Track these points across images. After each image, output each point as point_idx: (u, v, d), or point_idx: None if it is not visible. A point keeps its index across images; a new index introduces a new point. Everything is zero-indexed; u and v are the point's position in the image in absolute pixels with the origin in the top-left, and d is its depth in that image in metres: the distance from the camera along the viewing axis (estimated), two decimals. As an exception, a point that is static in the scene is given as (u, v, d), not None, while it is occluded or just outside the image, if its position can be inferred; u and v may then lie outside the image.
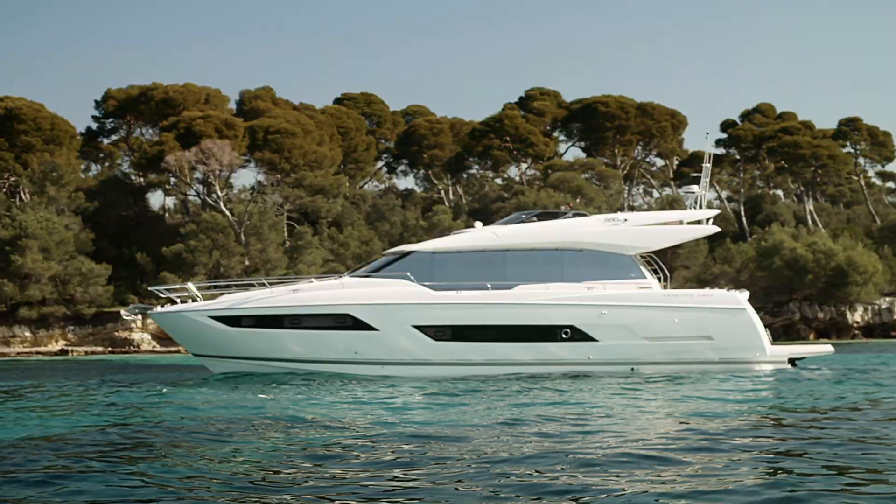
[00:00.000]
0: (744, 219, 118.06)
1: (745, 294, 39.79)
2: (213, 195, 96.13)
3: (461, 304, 36.79)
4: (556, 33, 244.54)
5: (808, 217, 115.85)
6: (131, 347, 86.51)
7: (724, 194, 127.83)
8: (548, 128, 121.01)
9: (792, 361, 39.46)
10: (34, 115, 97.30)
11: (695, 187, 41.83)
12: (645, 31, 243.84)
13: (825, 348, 42.01)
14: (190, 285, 37.97)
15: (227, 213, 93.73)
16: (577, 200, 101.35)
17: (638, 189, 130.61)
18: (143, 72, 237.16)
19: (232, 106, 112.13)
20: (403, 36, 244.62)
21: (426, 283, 37.00)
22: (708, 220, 41.26)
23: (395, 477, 14.12)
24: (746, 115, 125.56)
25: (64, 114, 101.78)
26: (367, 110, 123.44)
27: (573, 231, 38.73)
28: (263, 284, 38.45)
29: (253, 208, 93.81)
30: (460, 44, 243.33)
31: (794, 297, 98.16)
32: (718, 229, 43.16)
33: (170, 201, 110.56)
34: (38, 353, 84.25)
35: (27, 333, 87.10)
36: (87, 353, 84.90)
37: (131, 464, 15.29)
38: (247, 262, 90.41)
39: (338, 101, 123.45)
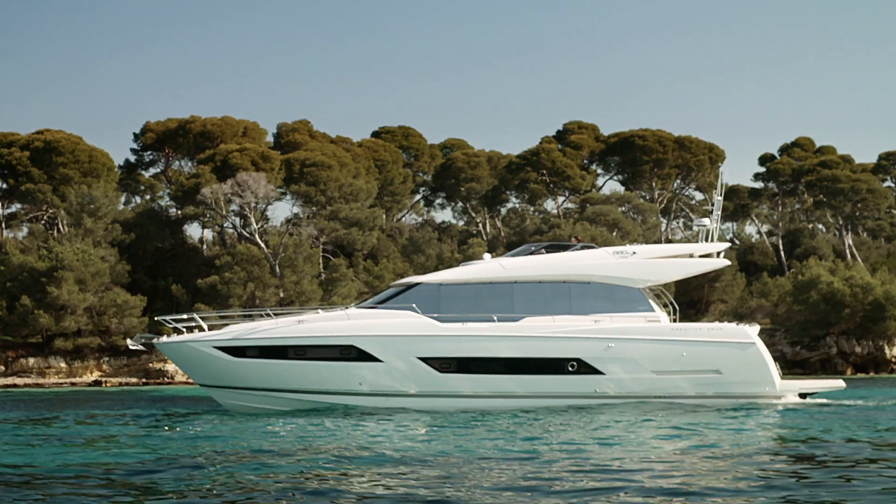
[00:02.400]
0: (782, 252, 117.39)
1: (756, 328, 39.52)
2: (249, 227, 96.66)
3: (467, 336, 36.81)
4: (595, 68, 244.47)
5: (847, 251, 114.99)
6: (165, 379, 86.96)
7: (763, 228, 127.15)
8: (585, 161, 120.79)
9: (803, 396, 39.17)
10: (72, 147, 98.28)
11: (706, 220, 41.74)
12: (683, 65, 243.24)
13: (836, 383, 41.69)
14: (195, 315, 38.19)
15: (263, 245, 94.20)
16: (614, 234, 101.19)
17: (678, 223, 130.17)
18: (181, 105, 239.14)
19: (269, 139, 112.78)
20: (442, 70, 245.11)
21: (432, 315, 37.05)
22: (719, 253, 41.10)
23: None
24: (785, 149, 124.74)
25: (103, 146, 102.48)
26: (405, 143, 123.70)
27: (581, 263, 38.67)
28: (269, 315, 38.59)
29: (288, 240, 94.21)
30: (499, 78, 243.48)
31: (832, 332, 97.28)
32: (729, 262, 43.05)
33: (207, 233, 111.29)
34: (72, 383, 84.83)
35: (62, 364, 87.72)
36: (120, 384, 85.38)
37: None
38: (281, 294, 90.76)
39: (375, 134, 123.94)
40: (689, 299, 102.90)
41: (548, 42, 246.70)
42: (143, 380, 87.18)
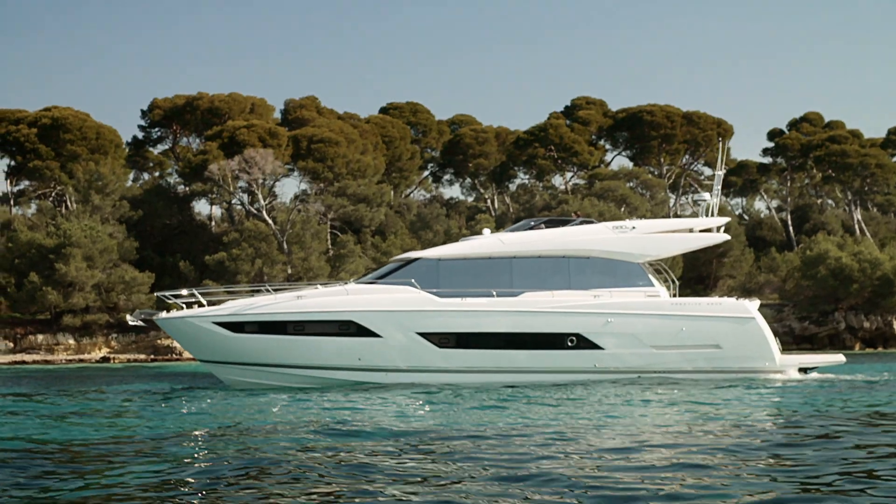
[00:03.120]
0: (791, 228, 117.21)
1: (756, 303, 39.51)
2: (257, 204, 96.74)
3: (466, 311, 36.80)
4: (603, 43, 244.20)
5: (856, 226, 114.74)
6: (173, 355, 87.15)
7: (773, 204, 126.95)
8: (593, 137, 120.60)
9: (803, 370, 39.15)
10: (80, 124, 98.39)
11: (706, 195, 41.67)
12: (692, 40, 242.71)
13: (836, 357, 41.60)
14: (195, 291, 38.28)
15: (270, 221, 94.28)
16: (622, 210, 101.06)
17: (687, 198, 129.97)
18: (189, 81, 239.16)
19: (277, 116, 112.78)
20: (450, 46, 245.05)
21: (431, 290, 37.06)
22: (719, 227, 41.05)
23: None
24: (794, 124, 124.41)
25: (110, 123, 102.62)
26: (413, 119, 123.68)
27: (580, 238, 38.61)
28: (268, 291, 38.62)
29: (296, 217, 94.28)
30: (507, 53, 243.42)
31: (840, 307, 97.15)
32: (728, 237, 42.94)
33: (215, 210, 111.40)
34: (80, 360, 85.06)
35: (71, 341, 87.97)
36: (128, 360, 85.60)
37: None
38: (289, 271, 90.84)
39: (383, 110, 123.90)
40: (698, 275, 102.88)
41: (556, 17, 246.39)
42: (152, 356, 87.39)
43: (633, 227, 39.28)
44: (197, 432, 21.19)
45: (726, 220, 42.43)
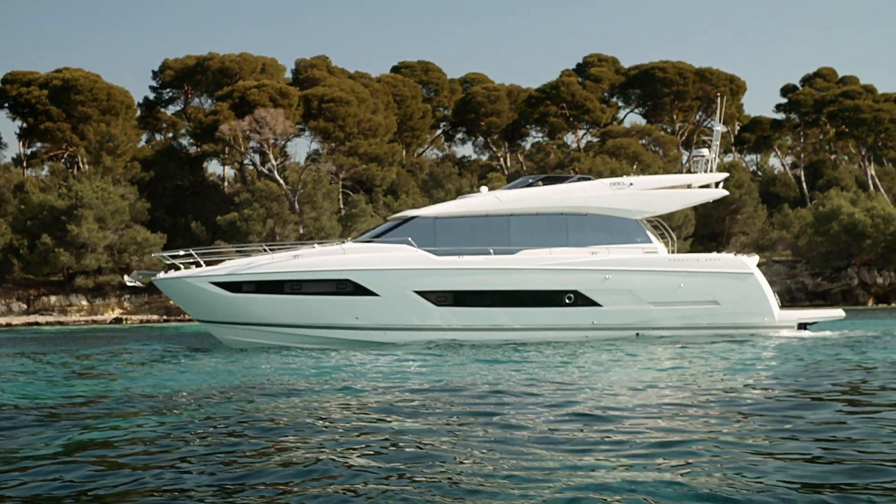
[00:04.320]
0: (804, 184, 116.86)
1: (755, 258, 39.45)
2: (268, 164, 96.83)
3: (463, 269, 36.81)
4: (615, 0, 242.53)
5: (870, 182, 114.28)
6: (185, 316, 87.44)
7: (787, 160, 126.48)
8: (605, 94, 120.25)
9: (802, 326, 39.14)
10: (91, 85, 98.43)
11: (704, 151, 41.59)
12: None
13: (836, 313, 41.43)
14: (192, 251, 38.45)
15: (282, 181, 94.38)
16: (634, 167, 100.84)
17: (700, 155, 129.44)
18: (200, 42, 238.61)
19: (288, 75, 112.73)
20: (462, 3, 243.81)
21: (428, 249, 37.09)
22: (717, 183, 40.95)
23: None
24: (807, 80, 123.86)
25: (122, 85, 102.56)
26: (425, 78, 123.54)
27: (578, 195, 38.55)
28: (265, 250, 38.72)
29: (307, 177, 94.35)
30: (519, 11, 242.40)
31: (853, 263, 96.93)
32: (727, 193, 42.81)
33: (227, 170, 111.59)
34: (93, 321, 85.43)
35: (84, 302, 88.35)
36: (141, 321, 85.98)
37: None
38: (301, 231, 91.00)
39: (395, 69, 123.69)
40: (711, 231, 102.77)
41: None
42: (164, 317, 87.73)
43: (631, 184, 39.16)
44: (202, 390, 21.36)
45: (724, 175, 42.25)
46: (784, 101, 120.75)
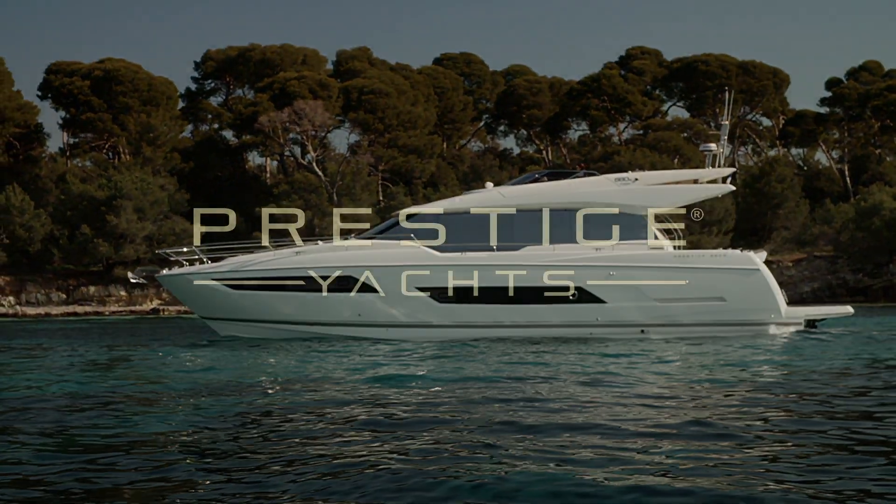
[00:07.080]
0: (848, 179, 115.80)
1: (762, 254, 38.93)
2: (307, 156, 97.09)
3: (466, 265, 36.63)
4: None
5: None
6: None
7: (833, 155, 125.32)
8: (648, 87, 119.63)
9: (810, 323, 38.74)
10: (132, 76, 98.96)
11: (712, 145, 41.12)
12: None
13: (844, 309, 40.57)
14: (196, 248, 38.65)
15: (321, 173, 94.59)
16: (675, 160, 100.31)
17: (746, 148, 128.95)
18: (242, 33, 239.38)
19: (329, 67, 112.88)
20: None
21: (431, 245, 36.94)
22: (725, 178, 40.54)
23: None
24: (852, 73, 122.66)
25: (165, 75, 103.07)
26: (467, 70, 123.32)
27: (582, 191, 38.16)
28: (267, 247, 38.71)
29: (346, 168, 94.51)
30: (563, 3, 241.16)
31: (895, 259, 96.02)
32: (734, 188, 42.41)
33: (267, 162, 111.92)
34: (131, 311, 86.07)
35: (122, 292, 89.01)
36: (178, 312, 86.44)
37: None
38: (339, 223, 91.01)
39: (436, 61, 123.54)
40: (752, 226, 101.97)
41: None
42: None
43: (636, 179, 38.66)
44: (220, 384, 21.46)
45: (732, 170, 41.77)
46: (829, 94, 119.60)
